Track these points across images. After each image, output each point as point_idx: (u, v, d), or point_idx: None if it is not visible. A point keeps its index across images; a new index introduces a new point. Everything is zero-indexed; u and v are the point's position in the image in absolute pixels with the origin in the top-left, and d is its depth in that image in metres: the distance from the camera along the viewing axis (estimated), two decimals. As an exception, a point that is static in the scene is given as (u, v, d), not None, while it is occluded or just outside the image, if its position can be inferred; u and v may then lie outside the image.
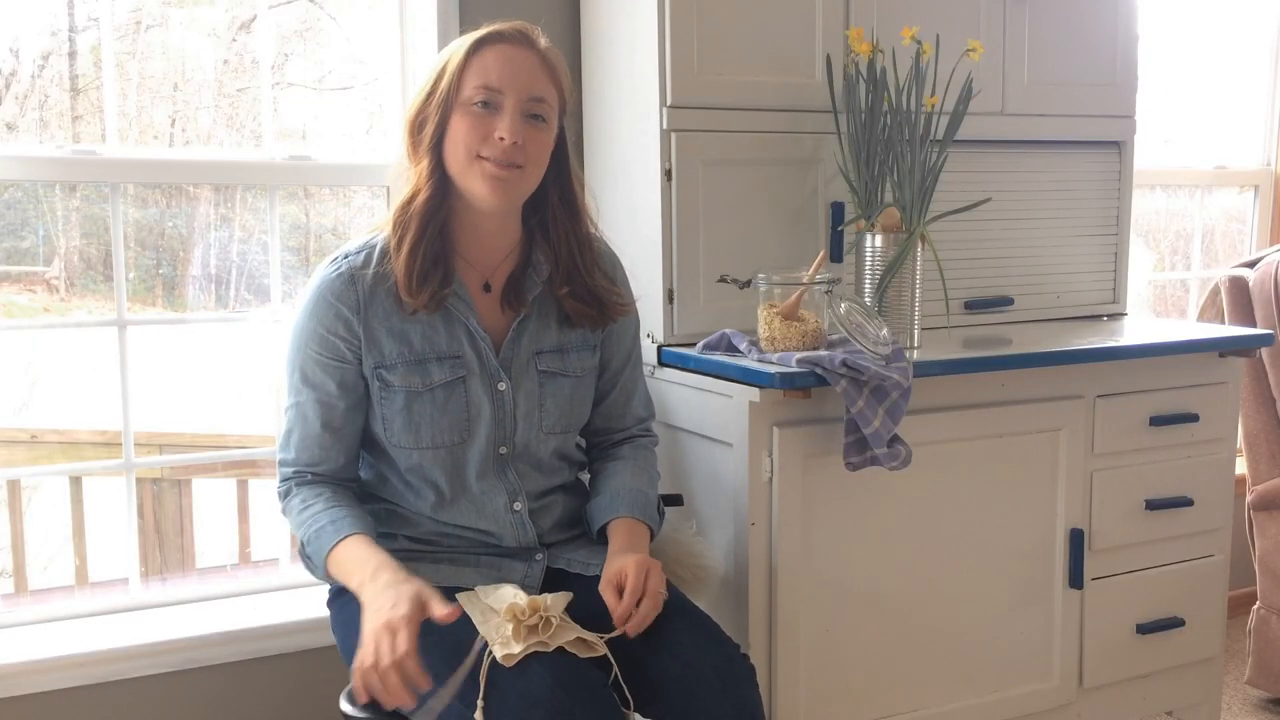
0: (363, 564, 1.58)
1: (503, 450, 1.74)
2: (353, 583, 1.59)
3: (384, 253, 1.68)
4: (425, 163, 1.66)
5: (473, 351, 1.71)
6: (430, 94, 1.66)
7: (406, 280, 1.64)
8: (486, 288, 1.74)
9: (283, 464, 1.75)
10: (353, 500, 1.73)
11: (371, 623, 1.48)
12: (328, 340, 1.67)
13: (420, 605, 1.48)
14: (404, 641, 1.43)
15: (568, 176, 1.76)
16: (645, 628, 1.59)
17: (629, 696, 1.58)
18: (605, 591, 1.63)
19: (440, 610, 1.47)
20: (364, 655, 1.46)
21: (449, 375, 1.69)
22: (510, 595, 1.60)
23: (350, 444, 1.74)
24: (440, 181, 1.66)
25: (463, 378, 1.70)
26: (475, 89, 1.62)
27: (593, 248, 1.79)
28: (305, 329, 1.69)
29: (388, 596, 1.49)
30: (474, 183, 1.64)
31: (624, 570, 1.63)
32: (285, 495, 1.74)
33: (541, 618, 1.52)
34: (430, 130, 1.65)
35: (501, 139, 1.61)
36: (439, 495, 1.73)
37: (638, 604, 1.59)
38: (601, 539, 1.79)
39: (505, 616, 1.52)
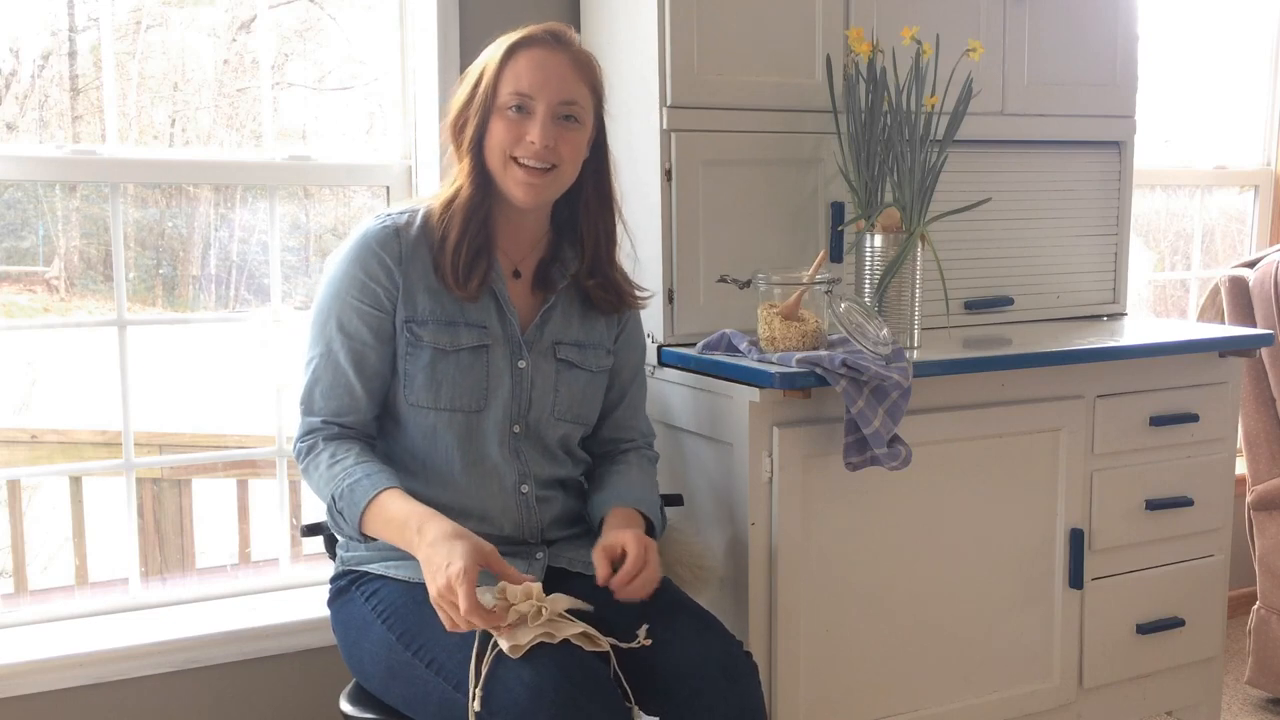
0: (408, 519, 1.58)
1: (516, 429, 1.77)
2: (400, 539, 1.58)
3: (426, 219, 1.74)
4: (466, 162, 1.73)
5: (500, 325, 1.76)
6: (470, 98, 1.73)
7: (452, 274, 1.71)
8: (516, 274, 1.80)
9: (307, 416, 1.72)
10: (383, 457, 1.73)
11: (434, 584, 1.49)
12: (369, 287, 1.70)
13: (474, 557, 1.49)
14: (463, 600, 1.45)
15: (605, 170, 1.82)
16: (633, 598, 1.62)
17: (629, 692, 1.58)
18: (596, 557, 1.65)
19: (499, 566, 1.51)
20: (445, 621, 1.49)
21: (475, 341, 1.73)
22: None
23: (376, 399, 1.74)
24: (480, 180, 1.73)
25: (487, 346, 1.74)
26: (509, 95, 1.70)
27: (616, 242, 1.85)
28: (346, 275, 1.72)
29: (440, 554, 1.50)
30: (509, 185, 1.72)
31: (622, 542, 1.64)
32: (309, 451, 1.70)
33: (534, 606, 1.50)
34: (471, 132, 1.72)
35: (532, 143, 1.68)
36: (448, 466, 1.73)
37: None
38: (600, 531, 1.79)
39: (497, 598, 1.50)
